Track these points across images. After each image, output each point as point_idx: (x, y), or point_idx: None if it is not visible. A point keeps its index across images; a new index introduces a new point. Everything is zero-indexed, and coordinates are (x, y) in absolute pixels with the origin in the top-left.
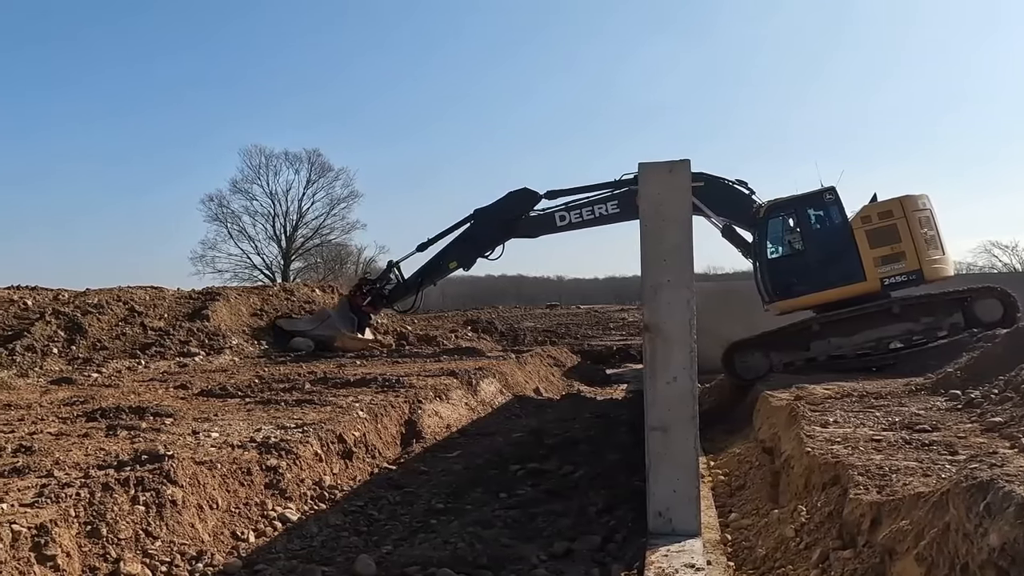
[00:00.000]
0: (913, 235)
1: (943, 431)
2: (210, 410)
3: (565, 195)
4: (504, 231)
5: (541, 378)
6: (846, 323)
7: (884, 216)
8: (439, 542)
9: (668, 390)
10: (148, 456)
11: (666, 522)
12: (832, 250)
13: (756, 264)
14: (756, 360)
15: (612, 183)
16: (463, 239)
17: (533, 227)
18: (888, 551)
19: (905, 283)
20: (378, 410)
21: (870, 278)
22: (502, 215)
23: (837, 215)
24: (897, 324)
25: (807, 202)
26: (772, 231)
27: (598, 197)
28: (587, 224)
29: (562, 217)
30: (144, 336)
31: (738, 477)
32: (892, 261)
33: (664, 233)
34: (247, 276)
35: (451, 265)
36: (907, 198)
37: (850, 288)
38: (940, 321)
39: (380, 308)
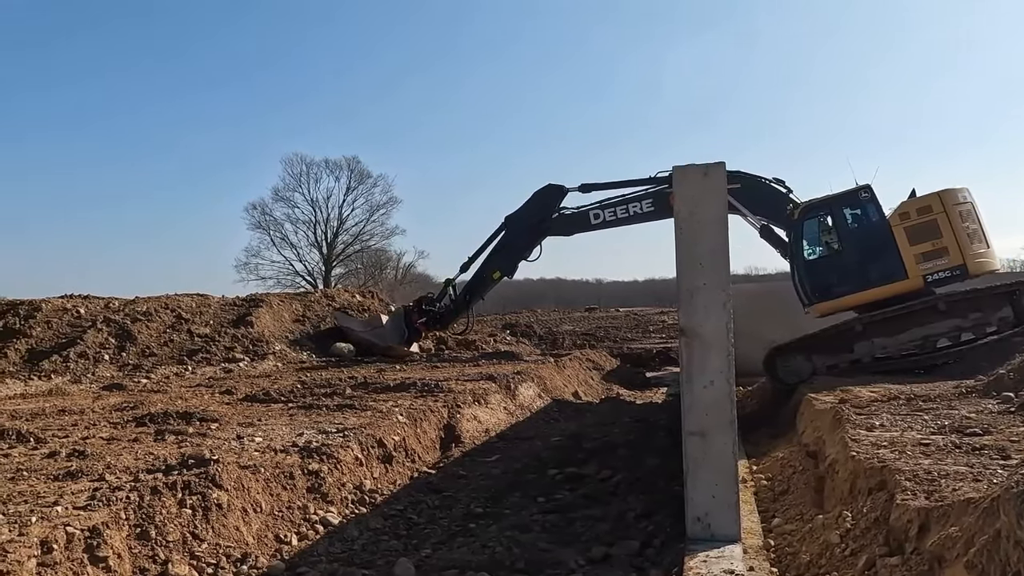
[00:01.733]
0: (955, 229)
1: (995, 435)
2: (254, 415)
3: (599, 189)
4: (537, 232)
5: (580, 382)
6: (890, 323)
7: (923, 212)
8: (477, 546)
9: (705, 394)
10: (194, 460)
11: (705, 528)
12: (871, 249)
13: (793, 267)
14: (798, 364)
15: (646, 180)
16: (500, 248)
17: (567, 225)
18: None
19: (949, 279)
20: (417, 415)
21: (912, 275)
22: (532, 216)
23: (874, 213)
24: (944, 321)
25: (842, 201)
26: (808, 232)
27: (633, 195)
28: (621, 223)
29: (596, 215)
30: (191, 342)
31: (781, 482)
32: (934, 257)
33: (700, 236)
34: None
35: (495, 276)
36: (946, 192)
37: (891, 287)
38: (989, 316)
39: (432, 329)
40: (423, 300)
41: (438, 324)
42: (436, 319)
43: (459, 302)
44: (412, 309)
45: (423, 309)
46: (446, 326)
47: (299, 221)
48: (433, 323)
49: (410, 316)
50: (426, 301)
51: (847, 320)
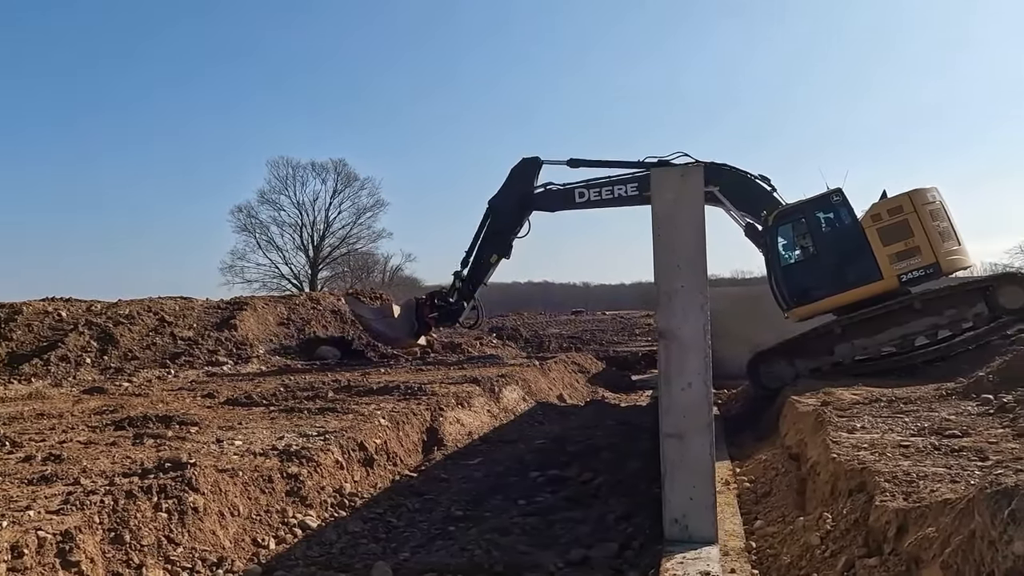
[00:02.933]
0: (926, 229)
1: (973, 436)
2: (235, 418)
3: (587, 165)
4: (522, 207)
5: (565, 385)
6: (869, 323)
7: (894, 212)
8: (456, 549)
9: (683, 396)
10: (171, 464)
11: (682, 529)
12: (845, 251)
13: (770, 272)
14: (781, 368)
15: (634, 163)
16: (491, 233)
17: (552, 201)
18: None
19: (923, 277)
20: (400, 418)
21: (887, 276)
22: (514, 194)
23: (847, 216)
24: (921, 319)
25: (815, 206)
26: (783, 238)
27: (618, 178)
28: (605, 204)
29: (581, 194)
30: (174, 346)
31: (764, 484)
32: (907, 257)
33: (677, 239)
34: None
35: (492, 260)
36: (915, 192)
37: (868, 288)
38: (964, 312)
39: (443, 324)
40: (435, 295)
41: (449, 319)
42: (448, 314)
43: (463, 291)
44: (424, 302)
45: (435, 304)
46: (456, 320)
47: (285, 224)
48: (444, 318)
49: (421, 309)
50: (439, 296)
51: (826, 323)
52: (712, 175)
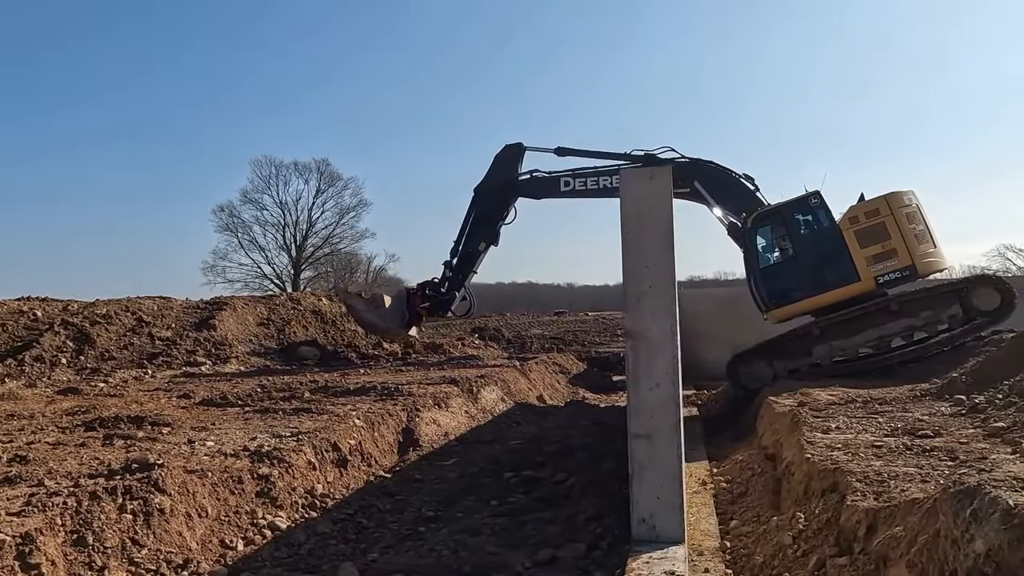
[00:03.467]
0: (902, 231)
1: (945, 437)
2: (209, 419)
3: (575, 155)
4: (508, 192)
5: (546, 385)
6: (846, 325)
7: (871, 215)
8: (425, 550)
9: (651, 396)
10: (138, 465)
11: (650, 529)
12: (823, 253)
13: (749, 274)
14: (760, 369)
15: (621, 155)
16: (478, 220)
17: (537, 188)
18: (883, 558)
19: (899, 280)
20: (375, 418)
21: (864, 277)
22: (498, 180)
23: (825, 218)
24: (897, 321)
25: (793, 208)
26: (761, 240)
27: (604, 168)
28: (590, 194)
29: (566, 183)
30: (152, 346)
31: (740, 484)
32: (884, 259)
33: (646, 240)
34: (258, 286)
35: (480, 247)
36: (892, 195)
37: (845, 289)
38: (939, 314)
39: (435, 314)
40: (427, 284)
41: (440, 309)
42: (439, 304)
43: (453, 281)
44: (415, 293)
45: (426, 294)
46: (448, 310)
47: (268, 223)
48: (436, 308)
49: (412, 299)
50: (430, 286)
51: (805, 324)
52: (694, 170)
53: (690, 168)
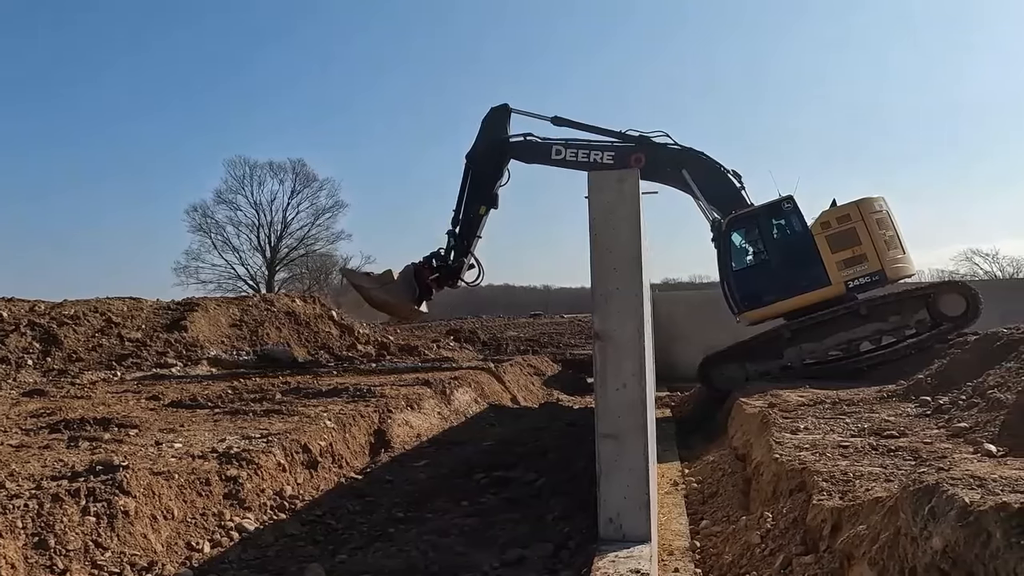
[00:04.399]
0: (872, 237)
1: (910, 437)
2: (177, 421)
3: (571, 127)
4: (499, 155)
5: (520, 387)
6: (816, 328)
7: (842, 220)
8: (394, 551)
9: (619, 397)
10: (103, 467)
11: (617, 528)
12: (795, 257)
13: (722, 277)
14: (732, 371)
15: (616, 133)
16: (474, 185)
17: (528, 152)
18: (847, 556)
19: (869, 284)
20: (346, 420)
21: (834, 282)
22: (488, 142)
23: (797, 223)
24: (866, 325)
25: (767, 212)
26: (735, 243)
27: (597, 143)
28: (580, 166)
29: (558, 151)
30: (121, 347)
31: (711, 484)
32: (854, 264)
33: (614, 242)
34: (231, 287)
35: (481, 212)
36: (863, 201)
37: (816, 293)
38: (907, 319)
39: (445, 286)
40: (433, 256)
41: (449, 278)
42: (448, 273)
43: (459, 248)
44: (422, 266)
45: (434, 265)
46: (457, 279)
47: (242, 224)
48: (445, 278)
49: (420, 273)
50: (436, 257)
51: (776, 327)
52: (685, 159)
53: (681, 156)
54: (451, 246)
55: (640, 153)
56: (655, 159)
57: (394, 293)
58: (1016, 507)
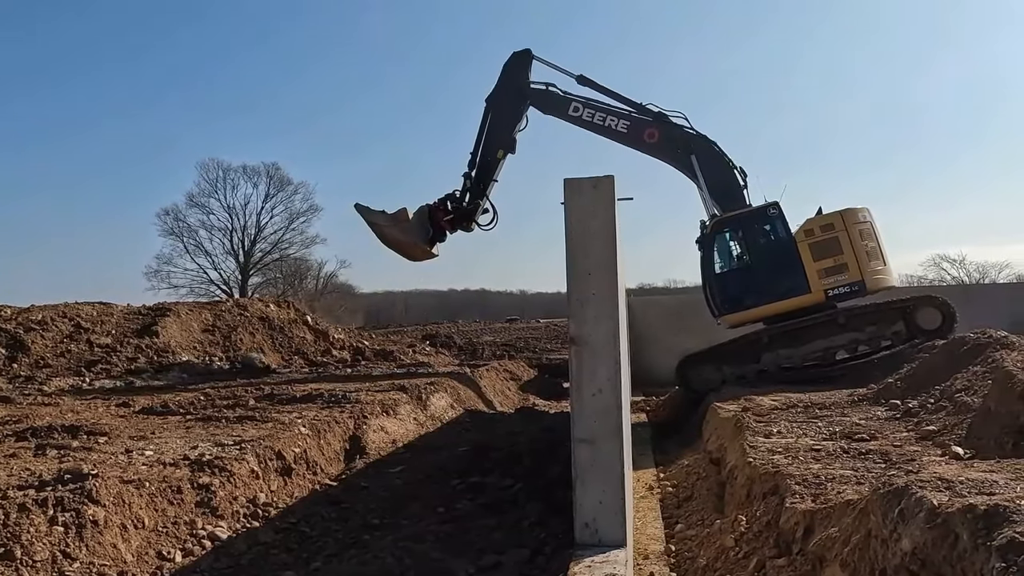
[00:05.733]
0: (855, 247)
1: (880, 440)
2: (148, 428)
3: (595, 88)
4: (519, 99)
5: (496, 392)
6: (794, 334)
7: (826, 229)
8: (369, 557)
9: (594, 402)
10: (71, 476)
11: (592, 533)
12: (777, 263)
13: (704, 278)
14: (709, 373)
15: (636, 104)
16: (492, 130)
17: (547, 102)
18: (819, 558)
19: (848, 294)
20: (321, 426)
21: (814, 290)
22: (509, 87)
23: (781, 229)
24: (843, 334)
25: (752, 217)
26: (719, 246)
27: (615, 109)
28: (594, 128)
29: (576, 108)
30: (90, 353)
31: (686, 488)
32: (835, 273)
33: (589, 247)
34: (204, 291)
35: (499, 156)
36: (848, 211)
37: (796, 300)
38: (883, 330)
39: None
40: (448, 198)
41: (464, 220)
42: (462, 215)
43: (475, 190)
44: (437, 207)
45: (448, 207)
46: (472, 220)
47: (214, 228)
48: (460, 220)
49: (435, 214)
50: (451, 198)
51: (755, 331)
52: (696, 144)
53: (694, 141)
54: (467, 188)
55: (654, 129)
56: (668, 138)
57: (408, 232)
58: (983, 509)
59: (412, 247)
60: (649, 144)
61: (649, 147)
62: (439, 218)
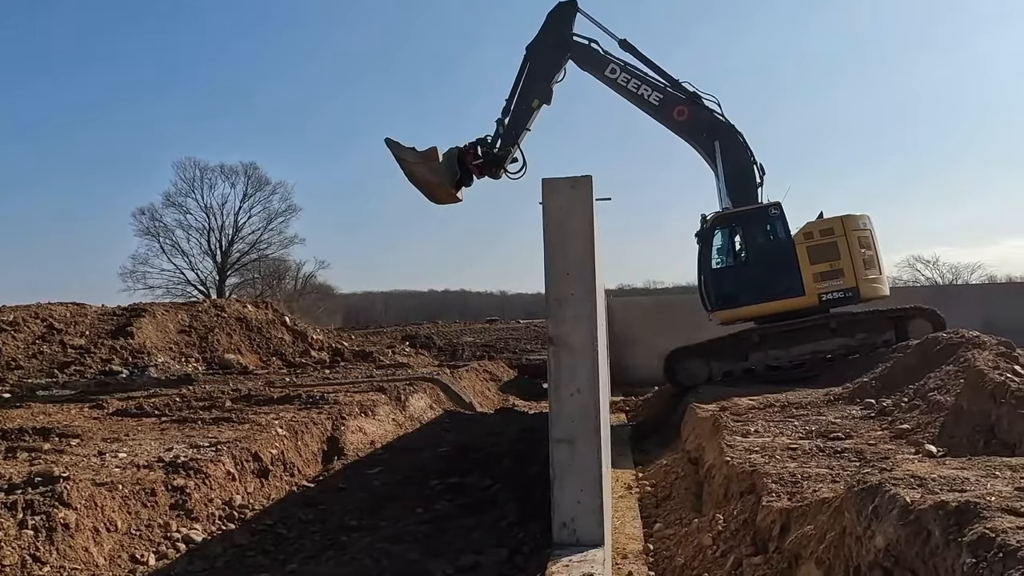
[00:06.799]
0: (852, 253)
1: (855, 439)
2: (122, 430)
3: (637, 56)
4: (560, 50)
5: (476, 392)
6: (785, 335)
7: (825, 233)
8: (346, 559)
9: (573, 402)
10: (42, 478)
11: (571, 533)
12: (774, 264)
13: (700, 273)
14: (696, 368)
15: (673, 80)
16: (530, 78)
17: (587, 58)
18: (795, 556)
19: (842, 300)
20: (299, 427)
21: (808, 293)
22: (551, 37)
23: (781, 230)
24: (834, 339)
25: (753, 216)
26: (718, 242)
27: (651, 80)
28: (627, 95)
29: (613, 70)
30: (63, 354)
31: (665, 488)
32: (830, 277)
33: (568, 247)
34: (180, 292)
35: (534, 105)
36: (848, 217)
37: (789, 302)
38: (874, 337)
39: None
40: (479, 142)
41: (493, 166)
42: (492, 160)
43: (507, 137)
44: (467, 150)
45: (479, 152)
46: (501, 167)
47: (191, 228)
48: (489, 165)
49: (464, 157)
50: (482, 143)
51: (744, 330)
52: (723, 132)
53: (720, 128)
54: (498, 134)
55: (685, 107)
56: (696, 119)
57: (436, 172)
58: (954, 505)
59: (438, 188)
60: (678, 121)
61: (677, 124)
62: (468, 161)
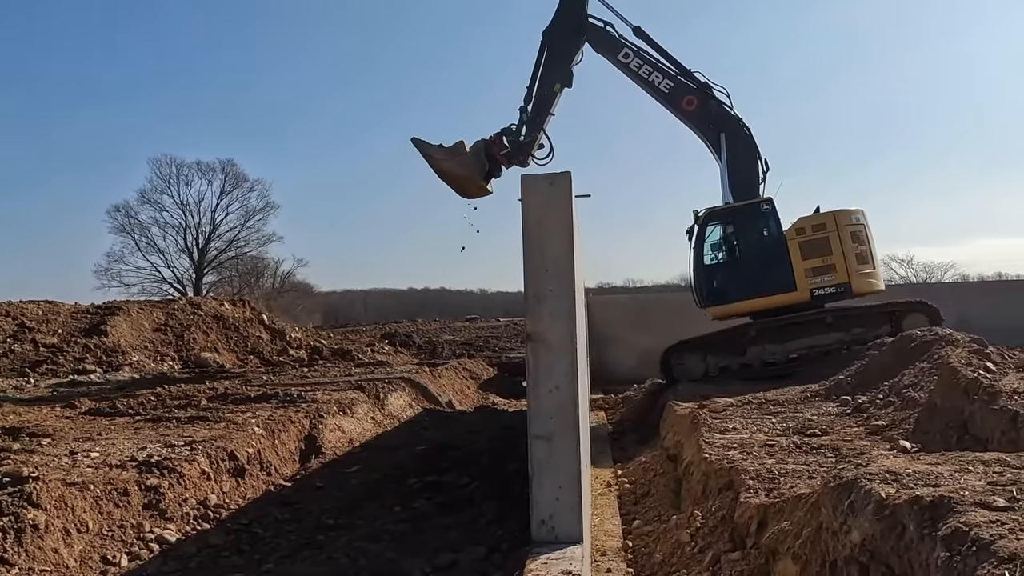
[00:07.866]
0: (844, 249)
1: (831, 435)
2: (95, 429)
3: (650, 43)
4: (577, 32)
5: (456, 391)
6: (782, 331)
7: (817, 229)
8: (322, 558)
9: (551, 399)
10: (10, 478)
11: (549, 530)
12: (766, 259)
13: (692, 269)
14: (693, 363)
15: (684, 70)
16: (550, 62)
17: (601, 40)
18: (772, 551)
19: (834, 295)
20: (276, 426)
21: (800, 288)
22: (569, 19)
23: (773, 225)
24: (829, 334)
25: (744, 211)
26: (710, 237)
27: (663, 67)
28: (638, 80)
29: (626, 55)
30: (35, 353)
31: (644, 485)
32: (822, 273)
33: (546, 244)
34: (156, 290)
35: (556, 89)
36: (840, 212)
37: (780, 297)
38: (869, 332)
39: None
40: (504, 132)
41: (520, 153)
42: (519, 148)
43: (531, 124)
44: (493, 141)
45: (505, 142)
46: (527, 154)
47: (168, 225)
48: (516, 154)
49: (491, 148)
50: (507, 133)
51: (743, 324)
52: (730, 125)
53: (728, 121)
54: (523, 121)
55: (694, 97)
56: (705, 110)
57: (466, 165)
58: (928, 500)
59: (468, 181)
60: (686, 111)
61: (685, 113)
62: (495, 152)
